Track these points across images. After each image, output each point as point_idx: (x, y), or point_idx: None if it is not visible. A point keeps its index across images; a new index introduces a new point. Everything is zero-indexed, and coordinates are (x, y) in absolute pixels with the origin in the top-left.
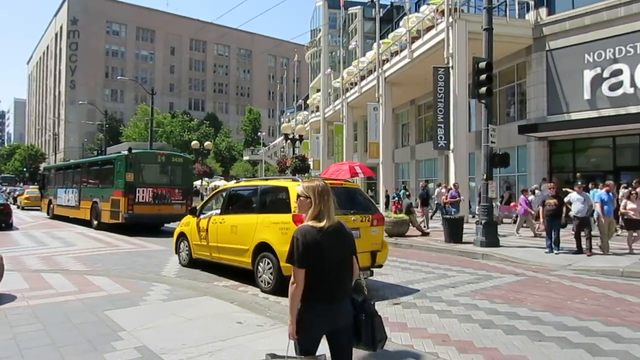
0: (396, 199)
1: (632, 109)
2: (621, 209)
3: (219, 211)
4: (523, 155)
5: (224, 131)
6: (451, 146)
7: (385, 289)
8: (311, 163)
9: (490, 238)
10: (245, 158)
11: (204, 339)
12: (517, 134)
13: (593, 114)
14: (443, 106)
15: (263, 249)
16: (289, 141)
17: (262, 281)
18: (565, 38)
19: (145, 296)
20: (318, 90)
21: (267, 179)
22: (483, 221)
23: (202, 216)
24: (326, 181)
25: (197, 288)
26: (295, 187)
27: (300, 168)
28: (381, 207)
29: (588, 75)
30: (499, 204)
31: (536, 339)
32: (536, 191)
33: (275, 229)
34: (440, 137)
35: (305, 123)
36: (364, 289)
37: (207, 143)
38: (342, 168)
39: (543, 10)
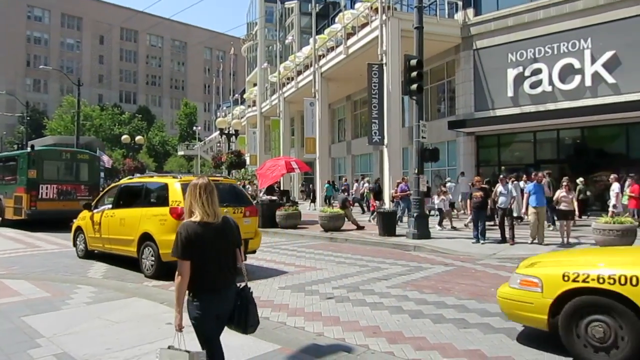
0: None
1: (551, 106)
2: (554, 200)
3: (110, 206)
4: (453, 150)
5: (157, 125)
6: (385, 141)
7: (319, 284)
8: (248, 158)
9: (422, 230)
10: (180, 153)
11: (130, 342)
12: (447, 130)
13: (516, 110)
14: (377, 102)
15: (146, 238)
16: (224, 136)
17: (145, 267)
18: (490, 38)
19: (68, 299)
20: (255, 85)
21: (152, 176)
22: (415, 214)
23: (95, 210)
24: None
25: (125, 289)
26: (174, 184)
27: (236, 163)
28: (318, 202)
29: (511, 73)
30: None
31: (462, 327)
32: (448, 184)
33: (156, 221)
34: (375, 133)
35: (242, 118)
36: (245, 276)
37: (138, 137)
38: (278, 163)
39: (470, 11)
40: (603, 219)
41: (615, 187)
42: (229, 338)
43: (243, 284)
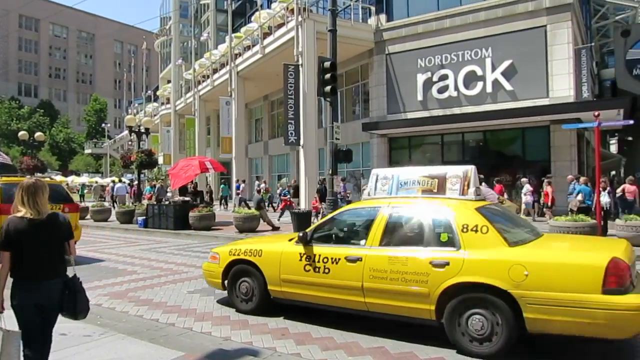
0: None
1: (456, 110)
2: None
3: None
4: (367, 151)
5: (61, 121)
6: (301, 142)
7: None
8: (161, 158)
9: None
10: (88, 151)
11: None
12: (362, 131)
13: (425, 113)
14: (293, 103)
15: None
16: (135, 134)
17: None
18: (402, 44)
19: None
20: (169, 82)
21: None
22: (326, 214)
23: None
24: (37, 179)
25: None
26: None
27: (147, 163)
28: (233, 201)
29: (421, 78)
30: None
31: (366, 327)
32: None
33: None
34: (291, 133)
35: (155, 115)
36: (72, 266)
37: (38, 134)
38: (192, 163)
39: (383, 17)
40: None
41: (526, 188)
42: (129, 347)
43: (72, 274)
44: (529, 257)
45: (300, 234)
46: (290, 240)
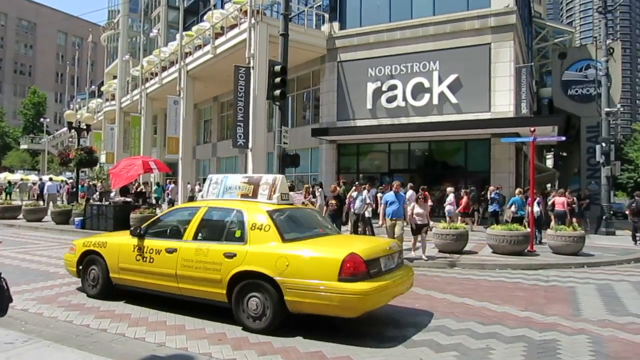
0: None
1: (404, 120)
2: (408, 214)
3: None
4: (316, 157)
5: None
6: (250, 145)
7: None
8: (104, 156)
9: None
10: (24, 147)
11: None
12: (311, 137)
13: (374, 122)
14: (243, 105)
15: None
16: (74, 131)
17: None
18: (353, 52)
19: None
20: (115, 77)
21: None
22: None
23: None
24: None
25: None
26: None
27: (87, 161)
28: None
29: (371, 87)
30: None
31: (306, 332)
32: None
33: None
34: (240, 136)
35: (98, 112)
36: None
37: None
38: (135, 163)
39: (336, 25)
40: (441, 225)
41: (449, 198)
42: (54, 355)
43: None
44: (292, 250)
45: (133, 229)
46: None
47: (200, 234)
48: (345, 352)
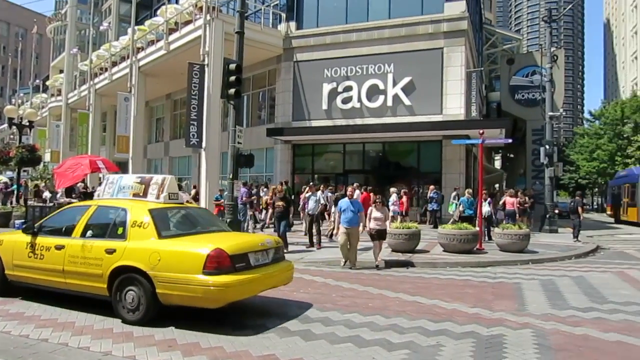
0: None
1: (358, 121)
2: (365, 220)
3: None
4: (271, 157)
5: None
6: (204, 144)
7: None
8: (48, 154)
9: None
10: None
11: None
12: (266, 137)
13: (329, 122)
14: (197, 103)
15: None
16: (15, 127)
17: None
18: (310, 52)
19: None
20: (61, 71)
21: None
22: (227, 220)
23: None
24: None
25: None
26: None
27: (28, 159)
28: None
29: (326, 88)
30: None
31: (260, 332)
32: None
33: None
34: (193, 135)
35: (43, 107)
36: None
37: None
38: (82, 162)
39: (293, 24)
40: (394, 224)
41: (392, 199)
42: None
43: None
44: (164, 246)
45: (26, 227)
46: None
47: (88, 232)
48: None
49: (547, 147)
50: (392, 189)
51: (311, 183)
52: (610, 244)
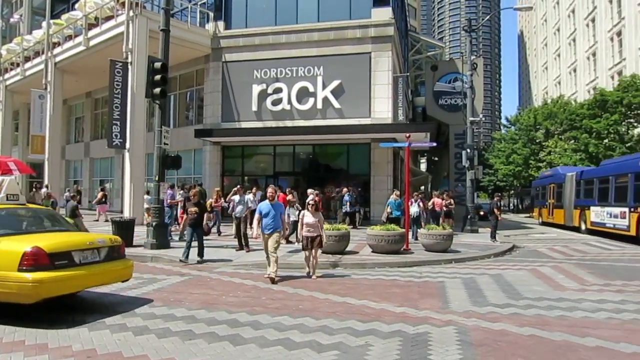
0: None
1: (289, 123)
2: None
3: None
4: (199, 158)
5: None
6: (127, 145)
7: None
8: None
9: (161, 240)
10: None
11: None
12: (194, 138)
13: (259, 124)
14: (120, 102)
15: None
16: None
17: None
18: (239, 53)
19: None
20: None
21: None
22: (154, 223)
23: None
24: None
25: None
26: None
27: None
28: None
29: (256, 89)
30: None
31: (187, 338)
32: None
33: None
34: (116, 135)
35: None
36: None
37: None
38: None
39: (221, 24)
40: (324, 226)
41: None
42: None
43: None
44: None
45: None
46: None
47: None
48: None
49: (468, 150)
50: (309, 190)
51: (239, 186)
52: (525, 242)
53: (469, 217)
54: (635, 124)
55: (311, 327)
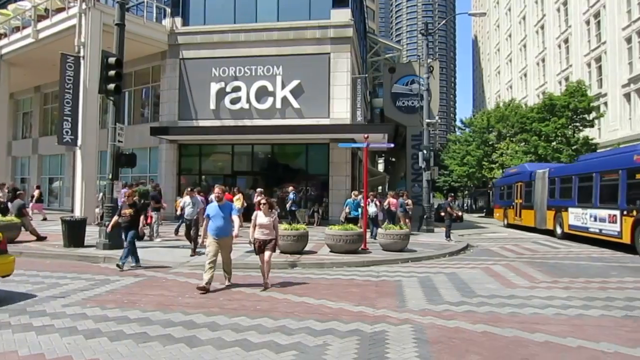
0: None
1: (247, 122)
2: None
3: None
4: (155, 157)
5: None
6: (79, 142)
7: None
8: None
9: (114, 240)
10: None
11: None
12: (150, 135)
13: (217, 123)
14: (71, 98)
15: None
16: None
17: None
18: (197, 50)
19: None
20: None
21: None
22: (106, 223)
23: None
24: None
25: None
26: None
27: None
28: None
29: (214, 87)
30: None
31: (141, 341)
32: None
33: None
34: (67, 132)
35: None
36: None
37: None
38: None
39: (178, 20)
40: (283, 226)
41: (290, 195)
42: None
43: None
44: None
45: None
46: None
47: None
48: None
49: (425, 152)
50: (259, 190)
51: (189, 188)
52: (478, 242)
53: (425, 217)
54: (581, 128)
55: (269, 328)
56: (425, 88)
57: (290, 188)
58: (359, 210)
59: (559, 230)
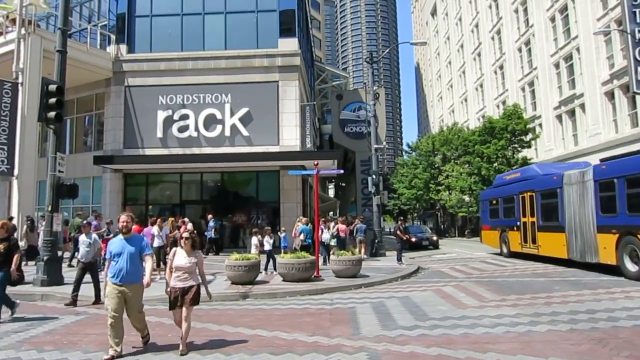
0: None
1: (196, 150)
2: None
3: None
4: (99, 186)
5: None
6: (15, 172)
7: None
8: None
9: (53, 276)
10: None
11: None
12: (93, 164)
13: (164, 151)
14: (8, 126)
15: None
16: None
17: None
18: (143, 78)
19: None
20: None
21: None
22: (45, 257)
23: None
24: None
25: None
26: None
27: None
28: None
29: (161, 115)
30: None
31: None
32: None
33: None
34: (2, 161)
35: None
36: None
37: None
38: None
39: (123, 47)
40: (233, 256)
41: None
42: None
43: None
44: None
45: None
46: None
47: None
48: None
49: (374, 176)
50: (185, 219)
51: (85, 221)
52: (428, 264)
53: (376, 241)
54: (519, 149)
55: None
56: (372, 114)
57: (209, 216)
58: (312, 237)
59: (632, 268)
